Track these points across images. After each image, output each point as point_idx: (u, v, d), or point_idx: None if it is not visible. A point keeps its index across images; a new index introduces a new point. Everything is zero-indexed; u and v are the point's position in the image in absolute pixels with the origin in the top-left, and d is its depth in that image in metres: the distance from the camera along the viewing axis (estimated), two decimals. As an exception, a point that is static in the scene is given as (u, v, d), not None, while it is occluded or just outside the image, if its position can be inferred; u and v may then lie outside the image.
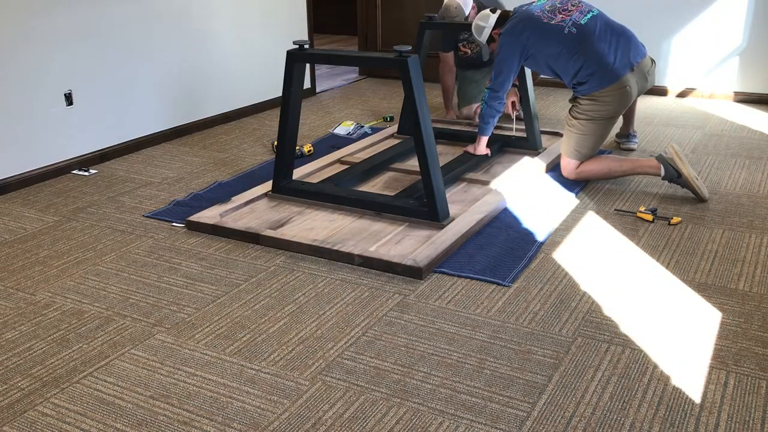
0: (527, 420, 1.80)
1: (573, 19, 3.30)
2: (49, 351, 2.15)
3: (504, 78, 3.43)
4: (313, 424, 1.80)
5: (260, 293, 2.47)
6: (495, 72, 3.44)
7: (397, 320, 2.28)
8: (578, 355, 2.07)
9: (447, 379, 1.97)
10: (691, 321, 2.24)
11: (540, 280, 2.52)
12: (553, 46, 3.31)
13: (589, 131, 3.32)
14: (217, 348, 2.14)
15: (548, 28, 3.31)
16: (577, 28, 3.28)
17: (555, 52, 3.31)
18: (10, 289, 2.54)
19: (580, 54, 3.26)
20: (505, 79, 3.44)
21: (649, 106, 5.00)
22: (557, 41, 3.30)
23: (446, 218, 2.89)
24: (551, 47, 3.32)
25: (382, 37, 6.29)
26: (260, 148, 4.19)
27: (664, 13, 5.18)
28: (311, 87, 5.61)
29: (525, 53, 3.39)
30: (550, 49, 3.32)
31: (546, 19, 3.32)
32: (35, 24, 3.53)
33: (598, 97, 3.28)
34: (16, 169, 3.56)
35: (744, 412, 1.81)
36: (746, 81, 5.09)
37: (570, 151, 3.40)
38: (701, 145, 4.08)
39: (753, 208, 3.12)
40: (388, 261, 2.59)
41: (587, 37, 3.26)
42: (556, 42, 3.30)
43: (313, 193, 3.15)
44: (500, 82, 3.44)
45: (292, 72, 3.04)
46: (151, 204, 3.32)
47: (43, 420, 1.84)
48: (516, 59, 3.40)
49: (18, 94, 3.52)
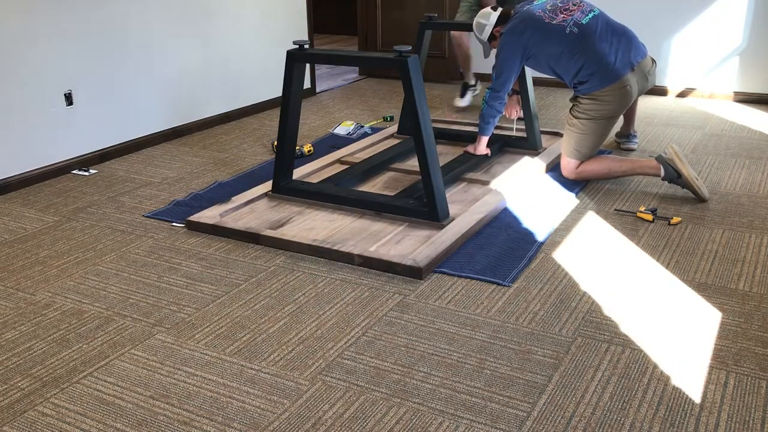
0: (527, 420, 1.80)
1: (574, 18, 3.30)
2: (49, 351, 2.15)
3: (505, 78, 3.42)
4: (313, 424, 1.80)
5: (260, 293, 2.47)
6: (496, 72, 3.44)
7: (397, 320, 2.28)
8: (578, 355, 2.07)
9: (447, 379, 1.97)
10: (691, 321, 2.24)
11: (540, 280, 2.52)
12: (555, 46, 3.30)
13: (589, 131, 3.32)
14: (217, 348, 2.14)
15: (550, 28, 3.30)
16: (579, 27, 3.28)
17: (557, 52, 3.31)
18: (10, 289, 2.54)
19: (581, 53, 3.26)
20: (507, 79, 3.42)
21: (649, 106, 5.00)
22: (559, 41, 3.29)
23: (446, 218, 2.89)
24: (553, 47, 3.31)
25: (382, 37, 6.29)
26: (260, 148, 4.19)
27: (664, 13, 5.18)
28: (311, 87, 5.61)
29: (526, 53, 3.38)
30: (551, 49, 3.32)
31: (547, 19, 3.32)
32: (35, 24, 3.53)
33: (598, 97, 3.28)
34: (16, 169, 3.56)
35: (744, 412, 1.81)
36: (746, 81, 5.09)
37: (570, 150, 3.40)
38: (701, 145, 4.08)
39: (753, 208, 3.12)
40: (388, 261, 2.59)
41: (588, 36, 3.26)
42: (557, 42, 3.29)
43: (313, 193, 3.15)
44: (501, 82, 3.43)
45: (292, 72, 3.04)
46: (151, 204, 3.32)
47: (43, 420, 1.84)
48: (518, 59, 3.39)
49: (18, 94, 3.52)
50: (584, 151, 3.38)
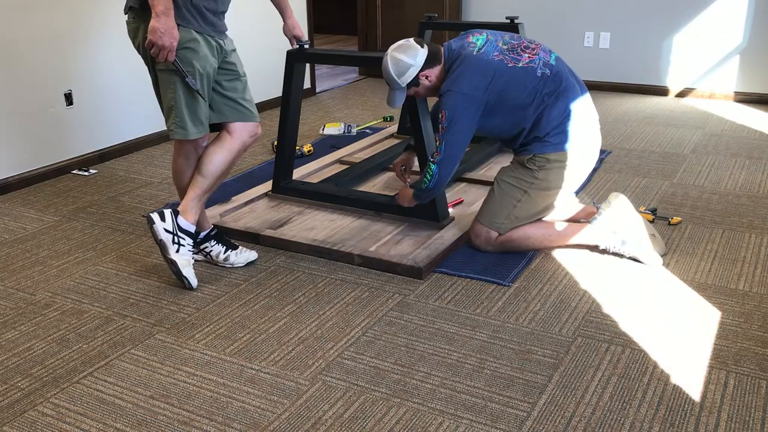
0: (527, 420, 1.80)
1: (541, 58, 2.59)
2: (49, 351, 2.15)
3: (459, 150, 2.54)
4: (313, 424, 1.80)
5: (260, 293, 2.47)
6: (447, 140, 2.51)
7: (397, 320, 2.28)
8: (578, 355, 2.07)
9: (447, 379, 1.97)
10: (690, 321, 2.23)
11: (540, 280, 2.52)
12: (524, 95, 2.54)
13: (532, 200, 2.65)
14: (217, 348, 2.14)
15: (516, 72, 2.53)
16: (550, 68, 2.57)
17: (525, 102, 2.55)
18: (10, 289, 2.54)
19: (560, 99, 2.56)
20: (461, 151, 2.56)
21: (649, 106, 5.00)
22: (532, 87, 2.54)
23: (446, 218, 2.89)
24: (521, 97, 2.54)
25: (382, 37, 6.29)
26: (260, 148, 4.19)
27: (664, 13, 5.18)
28: (311, 87, 5.61)
29: (487, 110, 2.55)
30: (518, 99, 2.54)
31: (511, 63, 2.54)
32: (35, 24, 3.53)
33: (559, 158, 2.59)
34: (16, 169, 3.56)
35: (744, 412, 1.81)
36: (746, 81, 5.09)
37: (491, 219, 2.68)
38: (701, 145, 4.08)
39: (753, 208, 3.12)
40: (388, 261, 2.59)
41: (564, 79, 2.59)
42: (529, 89, 2.54)
43: (313, 193, 3.15)
44: (455, 155, 2.54)
45: (292, 72, 3.04)
46: (151, 204, 3.32)
47: (43, 420, 1.84)
48: (475, 121, 2.54)
49: (18, 94, 3.52)
50: (507, 224, 2.67)
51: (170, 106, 2.39)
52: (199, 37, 2.34)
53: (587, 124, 2.63)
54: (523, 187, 2.62)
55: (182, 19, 2.29)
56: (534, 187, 2.61)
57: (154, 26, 2.20)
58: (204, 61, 2.36)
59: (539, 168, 2.59)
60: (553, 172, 2.59)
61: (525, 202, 2.64)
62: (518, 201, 2.63)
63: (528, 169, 2.61)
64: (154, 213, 2.40)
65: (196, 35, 2.33)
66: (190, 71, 2.33)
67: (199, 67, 2.34)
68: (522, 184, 2.62)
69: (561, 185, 2.63)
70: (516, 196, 2.63)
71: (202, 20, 2.34)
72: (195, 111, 2.40)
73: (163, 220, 2.39)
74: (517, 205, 2.64)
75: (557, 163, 2.58)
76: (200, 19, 2.34)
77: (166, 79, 2.36)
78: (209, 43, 2.38)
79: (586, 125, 2.62)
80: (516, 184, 2.63)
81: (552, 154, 2.58)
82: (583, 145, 2.62)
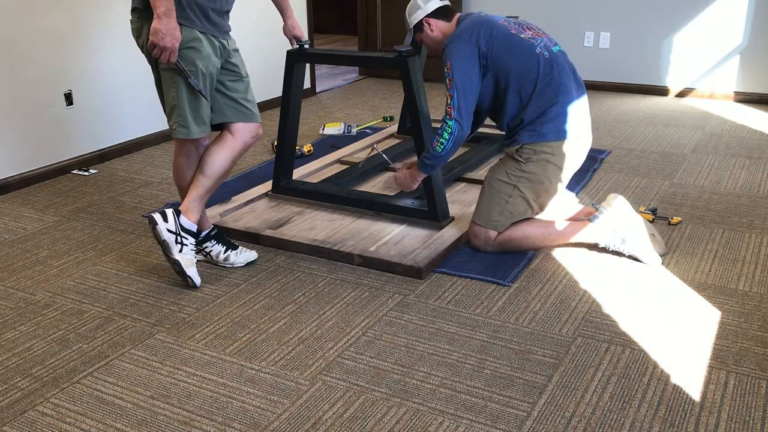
0: (527, 420, 1.80)
1: (544, 42, 2.64)
2: (49, 351, 2.15)
3: (464, 99, 2.54)
4: (313, 424, 1.80)
5: (260, 293, 2.47)
6: (452, 94, 2.54)
7: (397, 320, 2.28)
8: (578, 355, 2.07)
9: (447, 379, 1.97)
10: (690, 321, 2.23)
11: (540, 280, 2.52)
12: (523, 62, 2.58)
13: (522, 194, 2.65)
14: (217, 348, 2.14)
15: (517, 40, 2.60)
16: (549, 53, 2.62)
17: (524, 69, 2.58)
18: (10, 289, 2.54)
19: (553, 83, 2.58)
20: (467, 102, 2.55)
21: (649, 106, 5.00)
22: (528, 57, 2.58)
23: (446, 218, 2.89)
24: (520, 63, 2.58)
25: (382, 37, 6.29)
26: (260, 148, 4.19)
27: (664, 13, 5.18)
28: (311, 87, 5.61)
29: (483, 67, 2.58)
30: (518, 65, 2.57)
31: (514, 30, 2.62)
32: (35, 24, 3.53)
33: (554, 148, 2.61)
34: (16, 169, 3.56)
35: (744, 412, 1.81)
36: (746, 81, 5.09)
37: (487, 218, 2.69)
38: (701, 145, 4.08)
39: (753, 208, 3.12)
40: (388, 261, 2.59)
41: (561, 67, 2.62)
42: (526, 58, 2.58)
43: (313, 193, 3.15)
44: (465, 105, 2.54)
45: (292, 72, 3.04)
46: (151, 204, 3.32)
47: (43, 420, 1.84)
48: (475, 69, 2.55)
49: (18, 94, 3.52)
50: (503, 221, 2.67)
51: (173, 106, 2.39)
52: (202, 36, 2.34)
53: (578, 120, 2.64)
54: (513, 182, 2.64)
55: (185, 18, 2.29)
56: (523, 181, 2.63)
57: (156, 27, 2.20)
58: (207, 61, 2.36)
59: (526, 160, 2.62)
60: (540, 165, 2.61)
61: (516, 197, 2.65)
62: (509, 196, 2.64)
63: (516, 162, 2.64)
64: (156, 213, 2.40)
65: (199, 35, 2.33)
66: (193, 71, 2.33)
67: (201, 67, 2.35)
68: (511, 179, 2.64)
69: (550, 179, 2.64)
70: (507, 191, 2.64)
71: (206, 20, 2.35)
72: (197, 110, 2.40)
73: (165, 221, 2.39)
74: (510, 201, 2.65)
75: (544, 155, 2.60)
76: (204, 19, 2.34)
77: (168, 78, 2.37)
78: (212, 42, 2.38)
79: (576, 121, 2.63)
80: (506, 179, 2.65)
81: (538, 145, 2.60)
82: (572, 141, 2.63)
